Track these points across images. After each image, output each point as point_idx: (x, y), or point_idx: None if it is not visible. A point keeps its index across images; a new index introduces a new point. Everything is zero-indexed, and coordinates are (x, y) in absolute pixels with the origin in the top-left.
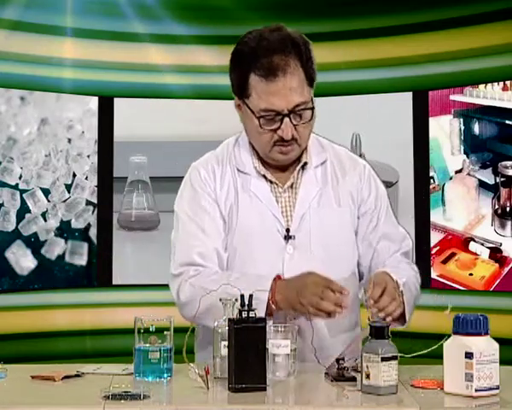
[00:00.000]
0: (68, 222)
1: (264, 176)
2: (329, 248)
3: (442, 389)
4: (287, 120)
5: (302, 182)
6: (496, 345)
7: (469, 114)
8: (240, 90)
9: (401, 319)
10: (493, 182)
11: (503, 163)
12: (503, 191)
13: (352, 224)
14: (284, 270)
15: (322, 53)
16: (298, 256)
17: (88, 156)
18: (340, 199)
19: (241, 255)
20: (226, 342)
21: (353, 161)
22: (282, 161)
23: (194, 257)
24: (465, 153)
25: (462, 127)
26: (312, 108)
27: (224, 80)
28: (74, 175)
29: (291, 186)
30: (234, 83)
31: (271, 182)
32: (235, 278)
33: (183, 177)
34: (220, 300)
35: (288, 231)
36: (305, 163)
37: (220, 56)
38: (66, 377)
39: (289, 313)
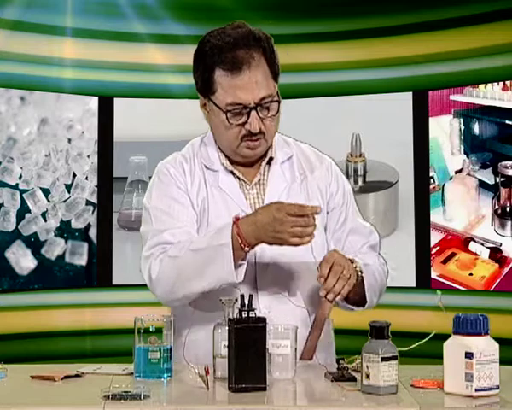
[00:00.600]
0: (68, 222)
1: (232, 172)
2: None
3: (442, 389)
4: (254, 113)
5: (269, 178)
6: (496, 345)
7: (469, 114)
8: (205, 88)
9: (361, 300)
10: (493, 182)
11: (503, 163)
12: (503, 191)
13: (322, 217)
14: (257, 262)
15: (322, 53)
16: (269, 251)
17: (88, 156)
18: (309, 194)
19: None
20: (226, 342)
21: (319, 157)
22: (249, 157)
23: (165, 236)
24: (465, 153)
25: (462, 127)
26: (278, 102)
27: None
28: (74, 175)
29: (258, 182)
30: (198, 81)
31: (239, 179)
32: (196, 239)
33: None
34: (220, 300)
35: None
36: (271, 158)
37: None
38: (66, 377)
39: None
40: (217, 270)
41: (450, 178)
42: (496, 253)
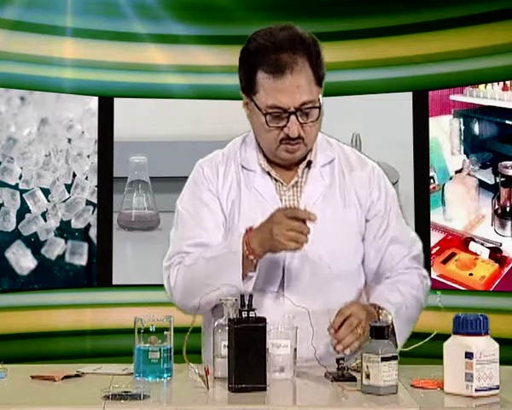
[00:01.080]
0: (68, 222)
1: (269, 173)
2: (332, 247)
3: (442, 389)
4: (293, 117)
5: (307, 180)
6: (496, 345)
7: (469, 114)
8: (247, 88)
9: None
10: (493, 182)
11: (503, 163)
12: (503, 191)
13: (358, 225)
14: (285, 266)
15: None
16: (299, 254)
17: (88, 156)
18: (346, 199)
19: None
20: (226, 342)
21: (362, 161)
22: (287, 160)
23: (184, 246)
24: (465, 153)
25: (462, 127)
26: (319, 108)
27: (224, 80)
28: (74, 175)
29: (295, 185)
30: (242, 80)
31: (276, 180)
32: (211, 248)
33: (183, 177)
34: (220, 300)
35: None
36: (310, 162)
37: (220, 56)
38: (66, 377)
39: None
40: (226, 277)
41: (450, 178)
42: (496, 253)
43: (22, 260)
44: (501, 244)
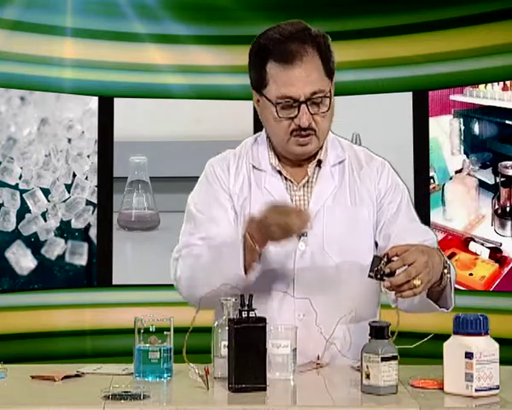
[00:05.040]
0: (68, 222)
1: (280, 172)
2: (342, 246)
3: (442, 389)
4: (304, 107)
5: (317, 180)
6: (496, 345)
7: (469, 114)
8: (258, 82)
9: (441, 299)
10: (493, 182)
11: (503, 163)
12: (503, 191)
13: (371, 222)
14: (295, 266)
15: None
16: (309, 253)
17: (88, 156)
18: (357, 198)
19: None
20: (226, 342)
21: (371, 157)
22: (299, 154)
23: (193, 239)
24: (465, 153)
25: (462, 127)
26: (330, 98)
27: (224, 80)
28: (74, 175)
29: (305, 184)
30: (252, 76)
31: (286, 179)
32: (212, 241)
33: (183, 177)
34: (220, 300)
35: None
36: (320, 161)
37: (220, 56)
38: (66, 377)
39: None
40: (228, 266)
41: (450, 178)
42: (496, 253)
43: (22, 260)
44: (501, 244)
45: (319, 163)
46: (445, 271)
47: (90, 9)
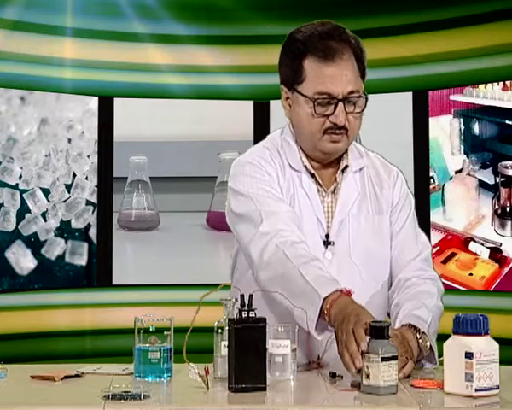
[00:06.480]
0: (68, 222)
1: (312, 175)
2: (368, 254)
3: (442, 389)
4: (341, 105)
5: (342, 187)
6: (496, 345)
7: (469, 114)
8: (292, 78)
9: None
10: (493, 182)
11: (503, 163)
12: (503, 191)
13: (389, 231)
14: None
15: None
16: (336, 262)
17: (88, 156)
18: (378, 206)
19: None
20: (226, 342)
21: (387, 168)
22: (330, 153)
23: (279, 221)
24: (465, 153)
25: (462, 127)
26: (366, 98)
27: (224, 80)
28: (74, 175)
29: (333, 191)
30: (286, 70)
31: (319, 183)
32: (313, 265)
33: (183, 177)
34: (220, 300)
35: (327, 236)
36: (346, 166)
37: (220, 56)
38: (66, 377)
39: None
40: (304, 307)
41: (450, 178)
42: (496, 253)
43: (22, 260)
44: (501, 244)
45: (344, 169)
46: (420, 340)
47: (90, 9)
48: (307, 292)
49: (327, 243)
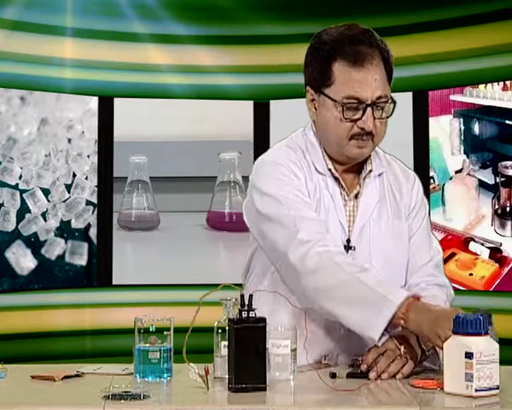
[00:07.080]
0: (68, 222)
1: (338, 180)
2: (387, 259)
3: (442, 389)
4: (369, 110)
5: (363, 190)
6: (496, 345)
7: (469, 114)
8: (320, 80)
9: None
10: (493, 182)
11: (503, 163)
12: (503, 191)
13: (408, 235)
14: None
15: None
16: (360, 252)
17: (88, 156)
18: (397, 212)
19: None
20: (226, 342)
21: (405, 172)
22: (354, 156)
23: (317, 226)
24: (465, 153)
25: (462, 127)
26: (394, 103)
27: (224, 80)
28: (74, 175)
29: (356, 195)
30: (313, 72)
31: (342, 188)
32: (368, 272)
33: (183, 177)
34: (220, 300)
35: (348, 241)
36: (370, 171)
37: (220, 56)
38: (66, 377)
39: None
40: (367, 314)
41: (450, 178)
42: (496, 253)
43: (22, 260)
44: (501, 244)
45: (368, 173)
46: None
47: (90, 9)
48: (372, 298)
49: (348, 247)
